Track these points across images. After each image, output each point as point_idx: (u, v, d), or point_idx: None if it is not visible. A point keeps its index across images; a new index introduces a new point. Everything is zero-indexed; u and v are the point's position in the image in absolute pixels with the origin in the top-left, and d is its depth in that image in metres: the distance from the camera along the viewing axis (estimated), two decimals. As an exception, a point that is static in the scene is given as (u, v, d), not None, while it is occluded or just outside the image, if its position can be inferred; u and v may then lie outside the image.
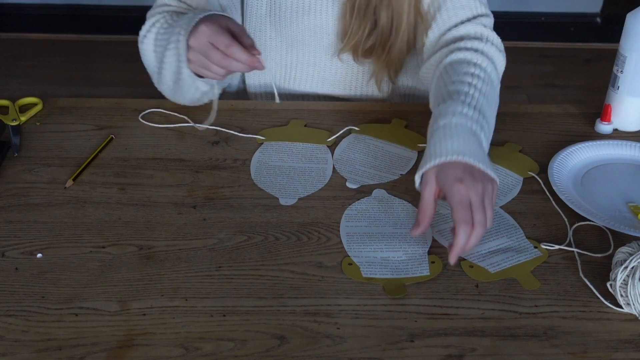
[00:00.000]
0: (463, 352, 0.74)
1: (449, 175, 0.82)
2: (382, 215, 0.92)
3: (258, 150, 1.05)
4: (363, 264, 0.84)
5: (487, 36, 1.05)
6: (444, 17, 1.06)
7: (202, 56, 0.96)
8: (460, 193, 0.80)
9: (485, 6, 1.08)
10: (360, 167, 1.02)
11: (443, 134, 0.87)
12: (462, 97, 0.92)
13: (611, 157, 1.06)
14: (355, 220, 0.91)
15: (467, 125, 0.88)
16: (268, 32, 1.17)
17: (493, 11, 1.10)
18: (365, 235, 0.89)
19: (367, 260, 0.85)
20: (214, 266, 0.84)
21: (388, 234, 0.89)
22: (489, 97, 0.97)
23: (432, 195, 0.84)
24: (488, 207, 0.81)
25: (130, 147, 1.06)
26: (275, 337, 0.75)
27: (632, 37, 1.05)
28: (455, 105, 0.91)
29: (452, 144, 0.85)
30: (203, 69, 0.98)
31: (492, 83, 1.00)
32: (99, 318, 0.77)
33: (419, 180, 0.87)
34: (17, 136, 1.07)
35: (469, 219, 0.79)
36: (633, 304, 0.77)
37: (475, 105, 0.92)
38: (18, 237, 0.89)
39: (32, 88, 2.58)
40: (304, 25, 1.14)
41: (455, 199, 0.80)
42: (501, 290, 0.82)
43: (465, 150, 0.84)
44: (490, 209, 0.81)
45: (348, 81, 1.20)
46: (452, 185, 0.81)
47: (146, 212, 0.93)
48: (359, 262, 0.85)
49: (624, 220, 0.92)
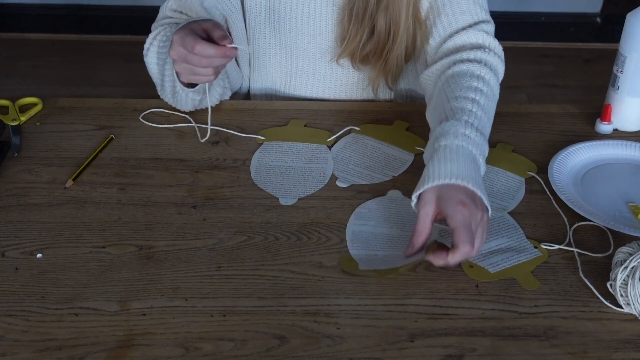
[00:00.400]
0: (463, 352, 0.74)
1: (452, 197, 0.81)
2: (392, 216, 0.92)
3: (258, 150, 1.05)
4: (362, 259, 0.85)
5: (489, 44, 1.04)
6: (444, 23, 1.06)
7: (185, 64, 0.97)
8: (464, 215, 0.79)
9: (486, 12, 1.08)
10: (354, 166, 1.02)
11: (443, 156, 0.86)
12: (465, 117, 0.91)
13: (611, 157, 1.06)
14: (363, 219, 0.91)
15: (468, 149, 0.87)
16: (268, 39, 1.17)
17: (493, 11, 1.10)
18: (370, 234, 0.89)
19: (367, 258, 0.85)
20: (214, 266, 0.84)
21: (394, 235, 0.89)
22: (490, 113, 0.96)
23: (429, 217, 0.83)
24: (480, 237, 0.81)
25: (130, 147, 1.06)
26: (275, 337, 0.76)
27: (632, 37, 1.05)
28: (457, 126, 0.89)
29: (452, 167, 0.84)
30: (193, 75, 0.99)
31: (494, 97, 1.00)
32: (99, 318, 0.77)
33: (416, 200, 0.86)
34: (17, 136, 1.07)
35: (472, 241, 0.79)
36: (633, 304, 0.77)
37: (477, 126, 0.91)
38: (18, 237, 0.89)
39: (32, 88, 2.58)
40: (303, 31, 1.14)
41: (458, 221, 0.79)
42: (501, 290, 0.82)
43: (466, 176, 0.83)
44: (480, 239, 0.81)
45: (348, 87, 1.20)
46: (456, 207, 0.80)
47: (146, 212, 0.93)
48: (357, 258, 0.85)
49: (624, 220, 0.92)
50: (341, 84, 1.20)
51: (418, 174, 1.01)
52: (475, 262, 0.85)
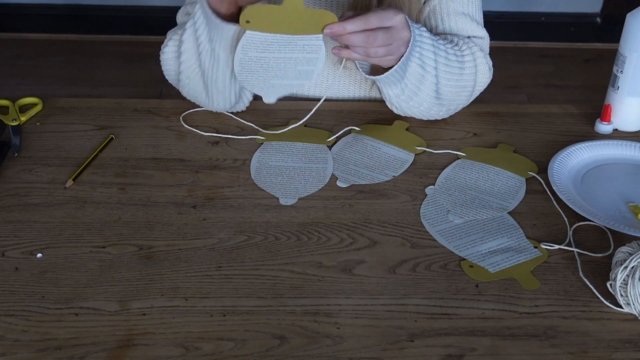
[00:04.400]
0: (463, 352, 0.74)
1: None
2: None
3: (258, 150, 1.05)
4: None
5: (475, 54, 1.08)
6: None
7: None
8: (383, 13, 0.92)
9: (481, 27, 1.11)
10: (354, 166, 1.02)
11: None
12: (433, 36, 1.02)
13: (611, 157, 1.06)
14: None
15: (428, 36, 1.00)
16: None
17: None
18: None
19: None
20: (214, 266, 0.84)
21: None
22: (451, 66, 1.04)
23: (376, 17, 0.92)
24: (362, 23, 0.91)
25: (130, 147, 1.06)
26: (275, 337, 0.76)
27: (632, 37, 1.05)
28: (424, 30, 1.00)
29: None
30: None
31: (460, 69, 1.05)
32: (99, 318, 0.77)
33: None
34: (17, 136, 1.07)
35: (359, 24, 0.91)
36: (633, 304, 0.77)
37: (432, 38, 1.00)
38: (18, 237, 0.89)
39: (32, 88, 2.58)
40: None
41: (377, 12, 0.93)
42: (501, 290, 0.82)
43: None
44: (362, 23, 0.92)
45: (352, 87, 1.20)
46: (389, 8, 0.94)
47: (146, 212, 0.93)
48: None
49: (624, 220, 0.92)
50: (345, 84, 1.20)
51: (418, 174, 1.01)
52: (475, 262, 0.85)
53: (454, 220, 0.92)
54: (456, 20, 1.09)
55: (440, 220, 0.92)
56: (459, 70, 1.05)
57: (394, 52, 0.96)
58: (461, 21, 1.09)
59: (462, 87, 1.06)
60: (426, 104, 1.06)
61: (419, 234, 0.90)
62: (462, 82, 1.06)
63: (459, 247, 0.88)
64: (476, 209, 0.94)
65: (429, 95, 1.04)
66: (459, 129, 1.12)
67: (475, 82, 1.07)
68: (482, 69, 1.08)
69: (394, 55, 0.97)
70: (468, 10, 1.09)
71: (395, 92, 1.04)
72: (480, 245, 0.88)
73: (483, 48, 1.10)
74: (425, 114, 1.09)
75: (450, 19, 1.09)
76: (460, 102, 1.10)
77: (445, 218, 0.92)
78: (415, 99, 1.04)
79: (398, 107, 1.08)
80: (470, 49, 1.06)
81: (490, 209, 0.94)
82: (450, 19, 1.09)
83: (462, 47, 1.06)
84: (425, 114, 1.09)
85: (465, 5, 1.09)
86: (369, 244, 0.88)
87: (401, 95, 1.04)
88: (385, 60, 0.98)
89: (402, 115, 1.12)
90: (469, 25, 1.09)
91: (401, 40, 0.96)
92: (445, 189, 0.98)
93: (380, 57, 0.95)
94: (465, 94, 1.08)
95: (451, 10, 1.09)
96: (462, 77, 1.05)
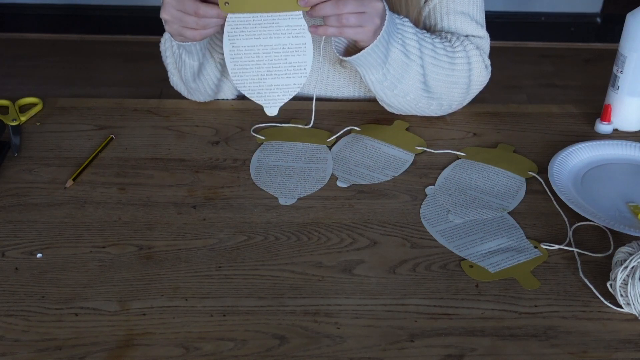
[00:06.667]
0: (463, 352, 0.74)
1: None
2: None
3: (258, 150, 1.05)
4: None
5: (470, 51, 1.08)
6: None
7: (177, 26, 0.95)
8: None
9: (481, 27, 1.11)
10: (354, 166, 1.02)
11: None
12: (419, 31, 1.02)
13: (611, 157, 1.06)
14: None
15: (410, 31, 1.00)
16: None
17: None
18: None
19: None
20: (214, 266, 0.84)
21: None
22: (440, 61, 1.04)
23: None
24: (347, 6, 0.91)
25: (130, 147, 1.06)
26: (275, 337, 0.76)
27: (632, 37, 1.05)
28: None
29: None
30: (179, 35, 0.97)
31: (449, 64, 1.05)
32: (99, 318, 0.77)
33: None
34: (17, 136, 1.07)
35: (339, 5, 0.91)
36: (633, 304, 0.77)
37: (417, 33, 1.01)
38: (18, 237, 0.89)
39: (32, 88, 2.58)
40: None
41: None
42: (501, 290, 0.82)
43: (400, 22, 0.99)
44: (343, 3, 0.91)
45: (351, 86, 1.20)
46: None
47: (146, 212, 0.93)
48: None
49: (624, 220, 0.92)
50: (343, 83, 1.20)
51: (418, 174, 1.01)
52: (475, 262, 0.85)
53: (454, 220, 0.92)
54: (455, 19, 1.09)
55: (440, 220, 0.92)
56: (449, 65, 1.04)
57: (367, 21, 0.93)
58: (460, 20, 1.09)
59: (453, 82, 1.06)
60: (412, 94, 1.04)
61: (419, 234, 0.90)
62: (453, 78, 1.05)
63: (459, 247, 0.88)
64: (476, 209, 0.94)
65: (416, 86, 1.03)
66: (459, 129, 1.12)
67: (469, 79, 1.07)
68: (478, 67, 1.07)
69: (367, 26, 0.94)
70: (468, 10, 1.09)
71: (377, 77, 1.02)
72: (480, 245, 0.88)
73: (481, 47, 1.09)
74: (414, 106, 1.08)
75: (450, 18, 1.09)
76: (455, 99, 1.09)
77: (445, 218, 0.92)
78: (400, 87, 1.03)
79: (384, 96, 1.06)
80: (464, 46, 1.06)
81: (490, 209, 0.94)
82: (449, 18, 1.09)
83: (455, 44, 1.06)
84: (414, 107, 1.08)
85: (466, 5, 1.09)
86: (369, 244, 0.88)
87: (384, 81, 1.02)
88: (359, 33, 0.94)
89: (399, 115, 1.12)
90: (467, 24, 1.09)
91: (374, 10, 0.93)
92: (445, 189, 0.98)
93: (352, 26, 0.93)
94: (458, 91, 1.07)
95: (451, 9, 1.09)
96: (453, 73, 1.05)
